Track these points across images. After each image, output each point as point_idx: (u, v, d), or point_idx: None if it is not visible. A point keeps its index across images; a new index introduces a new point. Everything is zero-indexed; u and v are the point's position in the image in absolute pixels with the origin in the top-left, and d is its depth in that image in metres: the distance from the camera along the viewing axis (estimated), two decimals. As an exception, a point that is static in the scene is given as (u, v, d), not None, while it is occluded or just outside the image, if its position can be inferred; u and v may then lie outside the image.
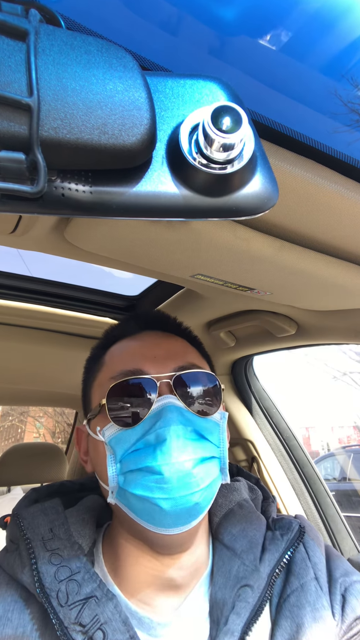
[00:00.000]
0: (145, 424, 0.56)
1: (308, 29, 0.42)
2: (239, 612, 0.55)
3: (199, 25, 0.40)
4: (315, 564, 0.63)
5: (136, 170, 0.34)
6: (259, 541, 0.64)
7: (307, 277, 0.70)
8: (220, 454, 0.60)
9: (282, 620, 0.57)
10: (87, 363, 0.73)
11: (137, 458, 0.55)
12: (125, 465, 0.56)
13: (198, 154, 0.33)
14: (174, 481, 0.52)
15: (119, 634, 0.51)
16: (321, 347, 1.30)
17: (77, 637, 0.51)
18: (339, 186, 0.51)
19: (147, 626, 0.56)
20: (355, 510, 5.77)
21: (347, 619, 0.58)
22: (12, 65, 0.28)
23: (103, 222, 0.57)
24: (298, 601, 0.58)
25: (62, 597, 0.54)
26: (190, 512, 0.55)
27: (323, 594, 0.60)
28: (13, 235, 0.67)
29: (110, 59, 0.31)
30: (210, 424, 0.60)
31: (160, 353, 0.63)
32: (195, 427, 0.57)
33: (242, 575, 0.59)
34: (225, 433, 0.63)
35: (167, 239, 0.59)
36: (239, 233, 0.58)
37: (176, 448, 0.53)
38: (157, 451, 0.53)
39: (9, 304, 1.20)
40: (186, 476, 0.53)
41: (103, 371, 0.66)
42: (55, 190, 0.32)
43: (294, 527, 0.66)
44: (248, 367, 1.52)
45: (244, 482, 0.75)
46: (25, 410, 13.98)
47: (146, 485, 0.54)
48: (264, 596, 0.58)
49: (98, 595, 0.54)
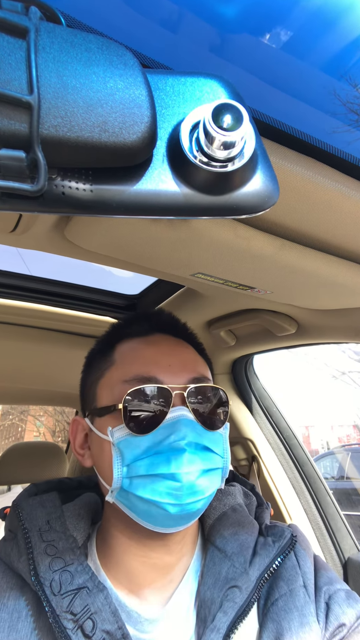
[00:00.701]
0: (158, 433, 0.58)
1: (309, 27, 0.42)
2: (226, 611, 0.57)
3: (199, 23, 0.40)
4: (304, 572, 0.65)
5: (137, 169, 0.34)
6: (250, 545, 0.66)
7: (307, 276, 0.70)
8: (223, 464, 0.63)
9: (269, 622, 0.59)
10: (90, 356, 0.73)
11: (149, 465, 0.56)
12: (133, 470, 0.57)
13: (199, 152, 0.33)
14: (185, 489, 0.55)
15: (107, 623, 0.54)
16: (321, 347, 1.30)
17: (68, 625, 0.53)
18: (340, 184, 0.51)
19: (134, 620, 0.58)
20: (355, 508, 5.78)
21: (331, 626, 0.60)
22: (12, 62, 0.27)
23: (103, 220, 0.57)
24: (286, 605, 0.60)
25: (55, 586, 0.56)
26: (192, 517, 0.59)
27: (310, 602, 0.61)
28: (13, 233, 0.67)
29: (111, 57, 0.31)
30: (216, 435, 0.62)
31: (175, 362, 0.64)
32: (204, 441, 0.59)
33: (231, 577, 0.61)
34: (227, 442, 0.66)
35: (167, 238, 0.59)
36: (239, 231, 0.58)
37: (189, 460, 0.56)
38: (172, 461, 0.56)
39: (9, 303, 1.20)
40: (195, 485, 0.56)
41: (113, 370, 0.65)
42: (56, 189, 0.32)
43: (286, 535, 0.68)
44: (248, 366, 1.52)
45: (239, 488, 0.77)
46: (26, 409, 14.00)
47: (156, 490, 0.56)
48: (252, 598, 0.59)
49: (89, 586, 0.57)
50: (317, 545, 1.39)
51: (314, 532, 1.41)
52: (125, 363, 0.65)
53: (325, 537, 1.41)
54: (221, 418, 0.64)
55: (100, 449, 0.62)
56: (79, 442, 0.69)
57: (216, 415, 0.63)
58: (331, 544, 1.40)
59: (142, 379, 0.61)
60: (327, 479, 6.28)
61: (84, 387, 0.71)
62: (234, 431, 1.49)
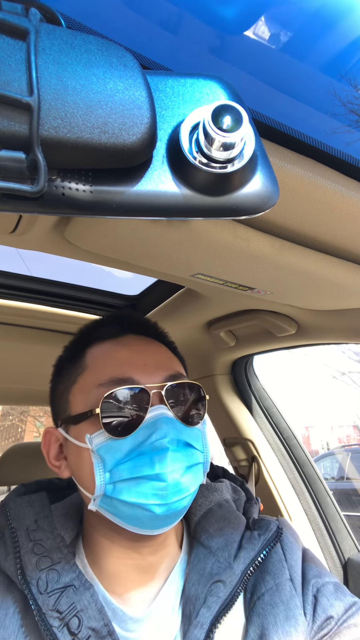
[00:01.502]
0: (139, 434, 0.57)
1: (309, 28, 0.42)
2: (210, 606, 0.57)
3: (199, 24, 0.40)
4: (291, 565, 0.65)
5: (136, 170, 0.34)
6: (235, 539, 0.66)
7: (307, 277, 0.70)
8: (204, 459, 0.63)
9: (255, 617, 0.59)
10: (59, 364, 0.71)
11: (133, 467, 0.56)
12: (116, 474, 0.56)
13: (198, 153, 0.33)
14: (170, 488, 0.55)
15: (93, 621, 0.54)
16: (321, 347, 1.30)
17: (54, 622, 0.54)
18: (339, 185, 0.51)
19: (120, 619, 0.58)
20: (355, 509, 5.77)
21: (319, 619, 0.60)
22: (12, 64, 0.28)
23: (103, 221, 0.57)
24: (272, 600, 0.60)
25: (41, 584, 0.56)
26: (177, 515, 0.59)
27: (296, 595, 0.61)
28: (13, 234, 0.67)
29: (111, 58, 0.31)
30: (196, 431, 0.62)
31: (150, 361, 0.63)
32: (185, 437, 0.59)
33: (215, 572, 0.61)
34: (206, 437, 0.65)
35: (167, 239, 0.59)
36: (239, 232, 0.58)
37: (172, 458, 0.56)
38: (155, 461, 0.55)
39: (9, 303, 1.20)
40: (179, 483, 0.56)
41: (86, 375, 0.63)
42: (56, 190, 0.32)
43: (271, 528, 0.67)
44: (248, 366, 1.52)
45: (227, 483, 0.77)
46: (26, 409, 14.00)
47: (141, 492, 0.55)
48: (236, 591, 0.59)
49: (76, 585, 0.57)
50: (317, 546, 1.39)
51: (314, 532, 1.41)
52: (99, 366, 0.63)
53: (325, 538, 1.41)
54: (200, 413, 0.64)
55: (78, 457, 0.60)
56: (53, 454, 0.67)
57: (194, 411, 0.63)
58: (331, 544, 1.40)
59: (117, 380, 0.60)
60: (327, 480, 6.27)
61: (55, 396, 0.69)
62: (234, 431, 1.49)
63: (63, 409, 0.66)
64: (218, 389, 1.50)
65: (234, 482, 0.79)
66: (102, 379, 0.60)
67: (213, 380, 1.50)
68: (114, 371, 0.61)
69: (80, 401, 0.62)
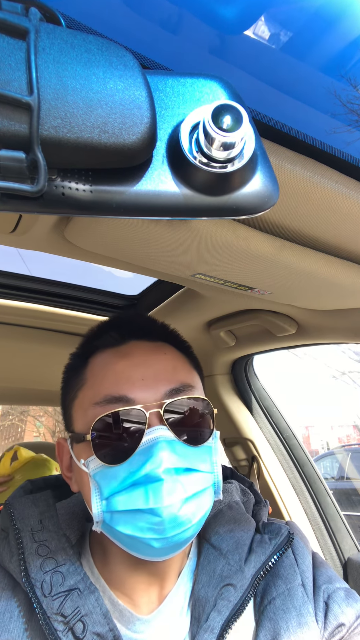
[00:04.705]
0: (134, 461, 0.53)
1: (309, 28, 0.42)
2: (220, 610, 0.56)
3: (199, 24, 0.40)
4: (303, 571, 0.64)
5: (136, 169, 0.34)
6: (245, 542, 0.64)
7: (307, 277, 0.70)
8: (214, 480, 0.59)
9: (266, 621, 0.58)
10: (66, 371, 0.68)
11: (127, 499, 0.52)
12: (112, 504, 0.53)
13: (198, 153, 0.33)
14: (166, 523, 0.51)
15: (98, 626, 0.53)
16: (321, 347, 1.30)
17: (58, 626, 0.53)
18: (339, 185, 0.51)
19: (127, 619, 0.57)
20: (355, 509, 5.78)
21: (330, 626, 0.59)
22: (12, 63, 0.28)
23: (103, 221, 0.57)
24: (284, 604, 0.59)
25: (46, 587, 0.55)
26: (180, 546, 0.55)
27: (309, 601, 0.60)
28: (13, 234, 0.67)
29: (111, 58, 0.31)
30: (203, 449, 0.57)
31: (149, 374, 0.58)
32: (187, 461, 0.54)
33: (226, 575, 0.60)
34: (217, 452, 0.61)
35: (167, 238, 0.59)
36: (239, 232, 0.58)
37: (169, 490, 0.51)
38: (150, 494, 0.51)
39: (9, 303, 1.20)
40: (177, 517, 0.52)
41: (84, 390, 0.61)
42: (56, 190, 0.32)
43: (283, 533, 0.66)
44: (248, 366, 1.52)
45: (236, 485, 0.75)
46: (26, 409, 13.99)
47: (137, 525, 0.52)
48: (246, 596, 0.58)
49: (81, 588, 0.56)
50: (317, 546, 1.39)
51: (314, 532, 1.41)
52: (96, 381, 0.59)
53: (325, 538, 1.41)
54: (208, 428, 0.59)
55: (80, 477, 0.59)
56: (65, 465, 0.65)
57: (200, 428, 0.58)
58: (331, 544, 1.40)
59: (111, 399, 0.56)
60: (327, 480, 6.28)
61: (64, 408, 0.66)
62: (234, 431, 1.49)
63: (69, 423, 0.64)
64: (218, 388, 1.50)
65: (242, 483, 0.78)
66: (97, 397, 0.57)
67: (213, 380, 1.50)
68: (109, 388, 0.57)
69: (79, 419, 0.60)
